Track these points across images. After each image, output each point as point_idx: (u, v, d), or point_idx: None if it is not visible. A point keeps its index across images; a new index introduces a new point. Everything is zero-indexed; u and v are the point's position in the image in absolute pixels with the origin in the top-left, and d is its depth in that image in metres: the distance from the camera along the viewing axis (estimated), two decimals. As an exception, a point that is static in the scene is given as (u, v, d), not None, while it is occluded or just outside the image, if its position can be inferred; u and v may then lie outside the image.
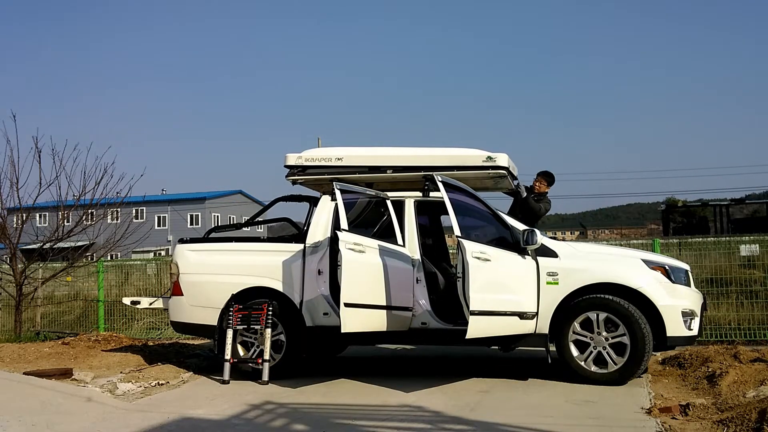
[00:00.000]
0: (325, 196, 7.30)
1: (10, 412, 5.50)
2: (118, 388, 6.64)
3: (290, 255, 7.12)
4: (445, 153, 7.07)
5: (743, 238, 10.34)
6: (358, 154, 7.23)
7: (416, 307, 6.85)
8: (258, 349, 7.05)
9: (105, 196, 11.11)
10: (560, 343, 6.46)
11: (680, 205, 31.76)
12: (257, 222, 9.05)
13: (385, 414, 5.49)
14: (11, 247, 10.95)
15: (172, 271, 7.58)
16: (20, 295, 10.87)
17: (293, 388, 6.53)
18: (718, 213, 25.39)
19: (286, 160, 7.37)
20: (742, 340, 8.62)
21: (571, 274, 6.43)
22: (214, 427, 5.24)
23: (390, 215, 7.01)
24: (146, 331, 11.35)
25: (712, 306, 8.88)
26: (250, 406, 5.85)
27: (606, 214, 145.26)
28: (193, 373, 7.40)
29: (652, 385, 6.35)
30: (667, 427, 4.83)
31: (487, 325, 6.03)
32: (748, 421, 4.55)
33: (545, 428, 4.87)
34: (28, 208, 11.24)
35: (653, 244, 9.61)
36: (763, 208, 26.40)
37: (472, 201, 6.54)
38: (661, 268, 6.49)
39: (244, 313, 7.03)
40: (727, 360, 6.71)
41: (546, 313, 6.42)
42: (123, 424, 5.34)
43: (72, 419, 5.48)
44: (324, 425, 5.16)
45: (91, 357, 8.40)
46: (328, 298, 6.90)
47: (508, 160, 7.02)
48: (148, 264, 12.76)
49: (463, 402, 5.77)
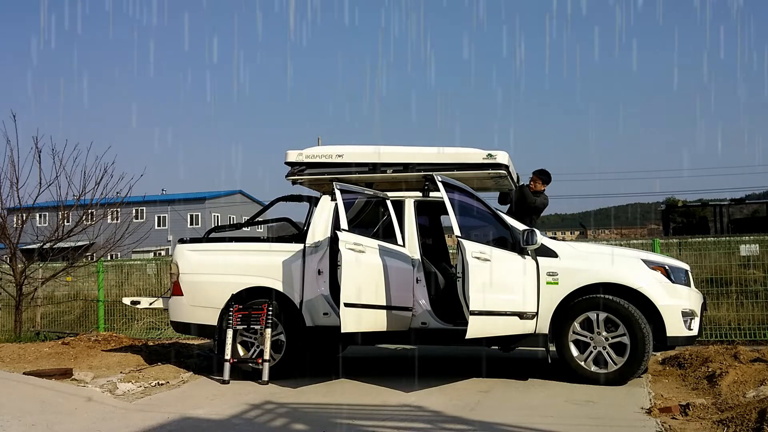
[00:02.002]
0: (325, 196, 7.30)
1: (10, 412, 5.49)
2: (118, 388, 6.64)
3: (290, 255, 7.12)
4: (445, 151, 7.08)
5: (743, 238, 10.34)
6: (359, 151, 7.24)
7: (416, 307, 6.85)
8: (258, 349, 7.05)
9: (105, 196, 11.13)
10: (560, 343, 6.46)
11: (680, 205, 31.81)
12: (257, 222, 9.04)
13: (385, 414, 5.49)
14: (11, 247, 10.95)
15: (172, 271, 7.59)
16: (20, 295, 10.87)
17: (293, 388, 6.54)
18: (718, 213, 25.41)
19: (287, 156, 7.38)
20: (742, 340, 8.62)
21: (571, 274, 6.43)
22: (214, 427, 5.24)
23: (390, 215, 7.01)
24: (146, 331, 11.35)
25: (712, 306, 8.89)
26: (250, 406, 5.85)
27: (606, 214, 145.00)
28: (193, 373, 7.40)
29: (652, 385, 6.36)
30: (667, 427, 4.83)
31: (487, 325, 6.03)
32: (748, 421, 4.55)
33: (545, 428, 4.87)
34: (28, 208, 11.24)
35: (653, 244, 9.61)
36: (763, 208, 26.42)
37: (472, 201, 6.54)
38: (661, 268, 6.49)
39: (244, 313, 7.03)
40: (727, 360, 6.71)
41: (546, 313, 6.42)
42: (123, 424, 5.34)
43: (72, 419, 5.48)
44: (324, 425, 5.16)
45: (91, 357, 8.40)
46: (328, 298, 6.90)
47: (508, 158, 7.02)
48: (148, 264, 12.76)
49: (463, 402, 5.77)
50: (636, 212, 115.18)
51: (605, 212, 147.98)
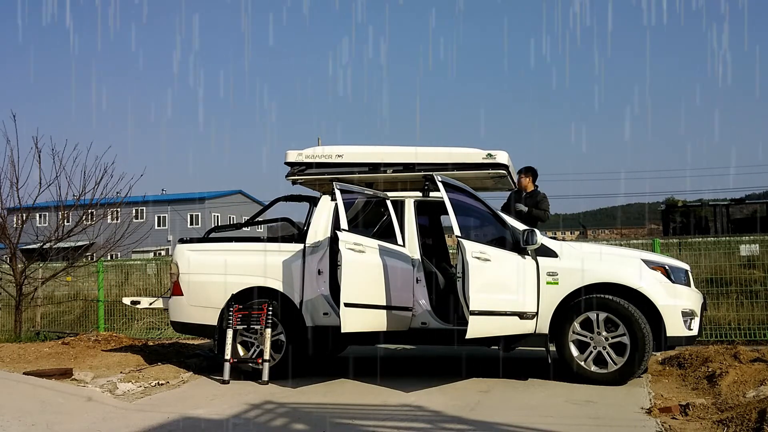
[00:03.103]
0: (325, 196, 7.30)
1: (10, 412, 5.49)
2: (118, 388, 6.64)
3: (290, 255, 7.12)
4: (445, 151, 7.08)
5: (743, 238, 10.33)
6: (359, 151, 7.24)
7: (416, 307, 6.85)
8: (258, 349, 7.05)
9: (105, 196, 11.12)
10: (560, 343, 6.46)
11: (680, 205, 31.76)
12: (257, 222, 9.04)
13: (385, 414, 5.49)
14: (11, 247, 10.95)
15: (172, 271, 7.59)
16: (20, 295, 10.87)
17: (293, 388, 6.54)
18: (718, 213, 25.43)
19: (287, 156, 7.39)
20: (742, 340, 8.62)
21: (571, 273, 6.43)
22: (214, 427, 5.24)
23: (390, 215, 7.01)
24: (146, 331, 11.35)
25: (712, 306, 8.89)
26: (250, 405, 5.85)
27: (606, 214, 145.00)
28: (193, 373, 7.41)
29: (652, 385, 6.36)
30: (667, 427, 4.83)
31: (487, 325, 6.03)
32: (748, 421, 4.55)
33: (545, 428, 4.87)
34: (28, 208, 11.24)
35: (653, 244, 9.61)
36: (763, 208, 26.42)
37: (471, 201, 6.54)
38: (661, 268, 6.49)
39: (244, 313, 7.03)
40: (727, 360, 6.71)
41: (546, 313, 6.42)
42: (123, 424, 5.34)
43: (72, 419, 5.48)
44: (324, 425, 5.16)
45: (91, 357, 8.40)
46: (328, 298, 6.90)
47: (507, 157, 7.02)
48: (148, 264, 12.75)
49: (463, 402, 5.77)
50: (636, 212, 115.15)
51: (605, 212, 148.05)
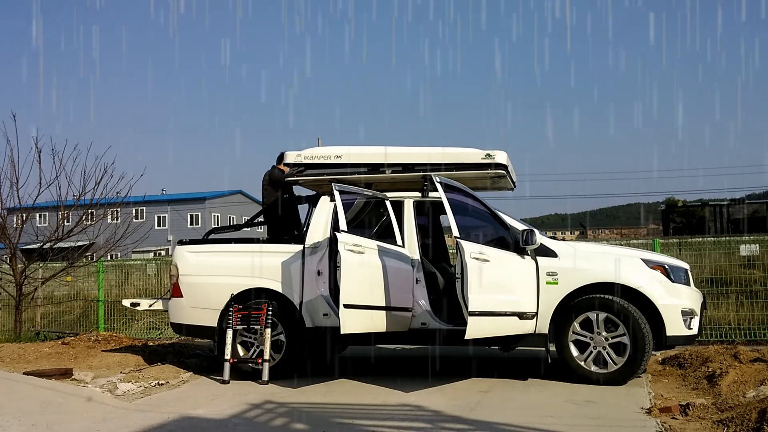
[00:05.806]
0: (324, 197, 7.30)
1: (10, 412, 5.50)
2: (118, 388, 6.65)
3: (290, 256, 7.12)
4: (444, 151, 7.08)
5: (743, 238, 10.34)
6: (358, 152, 7.24)
7: (416, 307, 6.85)
8: (258, 349, 7.05)
9: (105, 196, 11.14)
10: (560, 343, 6.46)
11: (680, 205, 31.80)
12: (257, 222, 9.04)
13: (385, 414, 5.49)
14: (11, 247, 10.96)
15: (172, 273, 7.59)
16: (20, 295, 10.87)
17: (293, 388, 6.54)
18: (717, 213, 25.45)
19: (286, 158, 7.40)
20: (742, 340, 8.62)
21: (571, 273, 6.43)
22: (214, 427, 5.25)
23: (389, 216, 7.01)
24: (146, 331, 11.35)
25: (712, 306, 8.89)
26: (250, 405, 5.86)
27: (606, 214, 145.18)
28: (193, 373, 7.41)
29: (652, 385, 6.36)
30: (667, 427, 4.83)
31: (486, 325, 6.03)
32: (748, 421, 4.56)
33: (545, 428, 4.88)
34: (28, 208, 11.25)
35: (653, 244, 9.61)
36: (763, 208, 26.46)
37: (470, 201, 6.54)
38: (661, 267, 6.49)
39: (243, 313, 7.03)
40: (727, 360, 6.71)
41: (546, 313, 6.43)
42: (123, 424, 5.34)
43: (72, 419, 5.49)
44: (324, 425, 5.16)
45: (91, 357, 8.41)
46: (328, 299, 6.89)
47: (506, 157, 7.02)
48: (148, 264, 12.75)
49: (463, 402, 5.77)
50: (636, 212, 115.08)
51: (605, 212, 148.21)
